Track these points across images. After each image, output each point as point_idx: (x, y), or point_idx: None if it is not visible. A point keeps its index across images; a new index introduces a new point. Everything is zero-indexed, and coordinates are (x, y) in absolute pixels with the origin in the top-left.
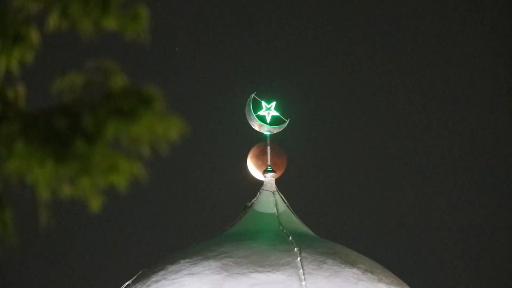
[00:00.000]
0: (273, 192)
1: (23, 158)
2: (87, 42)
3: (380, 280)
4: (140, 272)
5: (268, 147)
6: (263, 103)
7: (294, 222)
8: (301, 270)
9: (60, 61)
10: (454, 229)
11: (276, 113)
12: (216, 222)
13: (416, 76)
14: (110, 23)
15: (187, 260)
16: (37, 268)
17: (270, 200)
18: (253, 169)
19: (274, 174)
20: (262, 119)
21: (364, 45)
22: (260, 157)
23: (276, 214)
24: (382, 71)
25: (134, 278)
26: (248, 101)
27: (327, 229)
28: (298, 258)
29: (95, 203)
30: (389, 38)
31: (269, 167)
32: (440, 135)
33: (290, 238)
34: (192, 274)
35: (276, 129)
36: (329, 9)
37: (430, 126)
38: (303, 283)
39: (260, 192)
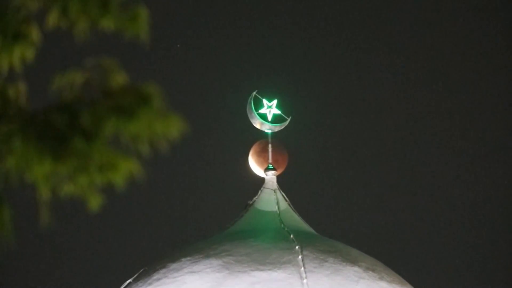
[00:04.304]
0: (274, 190)
1: (22, 156)
2: (86, 40)
3: (381, 278)
4: (141, 270)
5: (270, 145)
6: (265, 101)
7: (296, 220)
8: (302, 268)
9: (60, 59)
10: (455, 228)
11: (278, 111)
12: (217, 220)
13: (417, 74)
14: (109, 23)
15: (188, 258)
16: (37, 267)
17: (271, 198)
18: (255, 166)
19: (275, 172)
20: (263, 117)
21: (365, 43)
22: (262, 154)
23: (278, 212)
24: (383, 69)
25: (135, 276)
26: (249, 99)
27: (328, 227)
28: (300, 256)
29: (95, 202)
30: (390, 36)
31: (271, 165)
32: (442, 133)
33: (292, 236)
34: (193, 272)
35: (277, 127)
36: (330, 8)
37: (432, 124)
38: (304, 281)
39: (261, 190)
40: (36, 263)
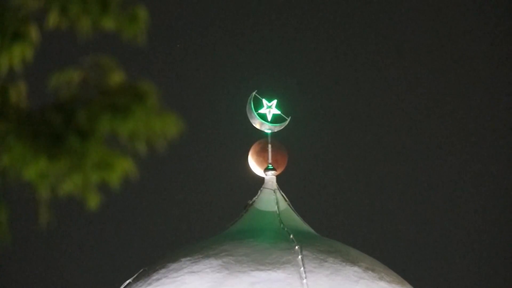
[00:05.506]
0: (274, 190)
1: (17, 154)
2: (85, 39)
3: (381, 278)
4: (141, 270)
5: (269, 145)
6: (264, 101)
7: (295, 220)
8: (302, 268)
9: (57, 57)
10: (455, 227)
11: (277, 111)
12: (217, 220)
13: (417, 74)
14: (109, 23)
15: (188, 258)
16: (36, 267)
17: (271, 198)
18: (254, 166)
19: (275, 172)
20: (263, 117)
21: (364, 43)
22: (261, 154)
23: (277, 212)
24: (382, 69)
25: (135, 276)
26: (249, 99)
27: (328, 227)
28: (299, 256)
29: (93, 201)
30: (389, 36)
31: (270, 165)
32: (442, 133)
33: (291, 236)
34: (193, 272)
35: (277, 127)
36: (330, 7)
37: (432, 124)
38: (304, 281)
39: (261, 190)
40: (34, 263)
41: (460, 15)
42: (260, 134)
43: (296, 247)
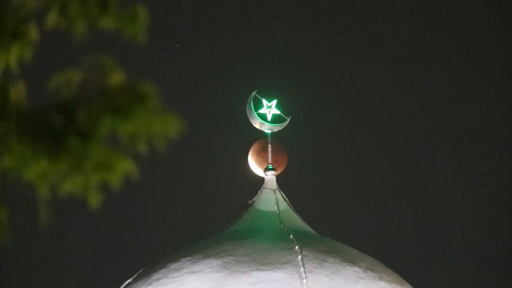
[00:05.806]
0: (274, 190)
1: (18, 155)
2: (85, 39)
3: (381, 278)
4: (141, 270)
5: (269, 145)
6: (264, 101)
7: (295, 220)
8: (302, 268)
9: (58, 58)
10: (455, 228)
11: (277, 111)
12: (217, 220)
13: (417, 74)
14: (109, 23)
15: (188, 258)
16: (36, 267)
17: (271, 198)
18: (254, 166)
19: (275, 172)
20: (263, 117)
21: (364, 43)
22: (261, 154)
23: (277, 212)
24: (382, 69)
25: (135, 276)
26: (249, 99)
27: (328, 227)
28: (299, 256)
29: (94, 200)
30: (389, 36)
31: (270, 165)
32: (442, 133)
33: (291, 236)
34: (193, 272)
35: (277, 127)
36: (330, 7)
37: (433, 124)
38: (304, 281)
39: (261, 190)
40: (34, 263)
41: (459, 14)
42: (260, 134)
43: (296, 247)
